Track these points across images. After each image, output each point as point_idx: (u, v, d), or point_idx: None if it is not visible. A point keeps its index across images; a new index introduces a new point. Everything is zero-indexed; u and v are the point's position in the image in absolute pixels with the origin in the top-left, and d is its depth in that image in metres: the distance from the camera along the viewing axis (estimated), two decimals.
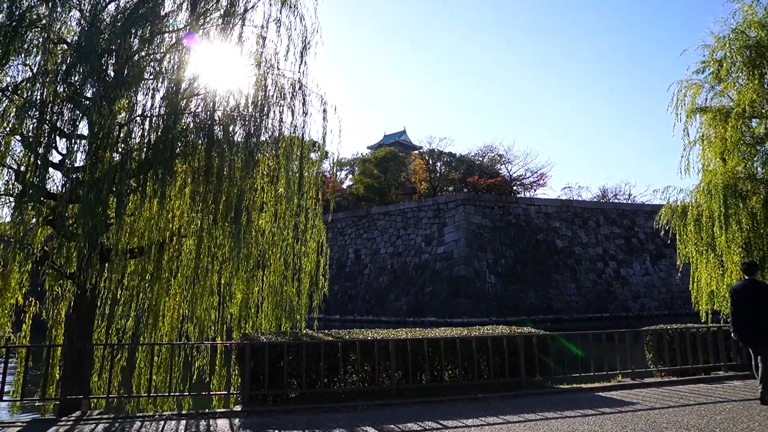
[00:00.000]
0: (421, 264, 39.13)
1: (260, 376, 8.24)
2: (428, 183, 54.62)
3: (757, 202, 13.98)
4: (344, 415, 7.57)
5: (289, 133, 10.84)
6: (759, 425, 6.47)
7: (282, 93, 10.72)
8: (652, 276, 40.82)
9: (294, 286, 10.77)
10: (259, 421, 7.18)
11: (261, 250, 10.34)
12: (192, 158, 9.65)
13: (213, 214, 9.22)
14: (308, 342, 8.62)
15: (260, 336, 8.92)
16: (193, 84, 9.90)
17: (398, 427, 6.72)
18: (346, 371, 8.87)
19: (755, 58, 14.78)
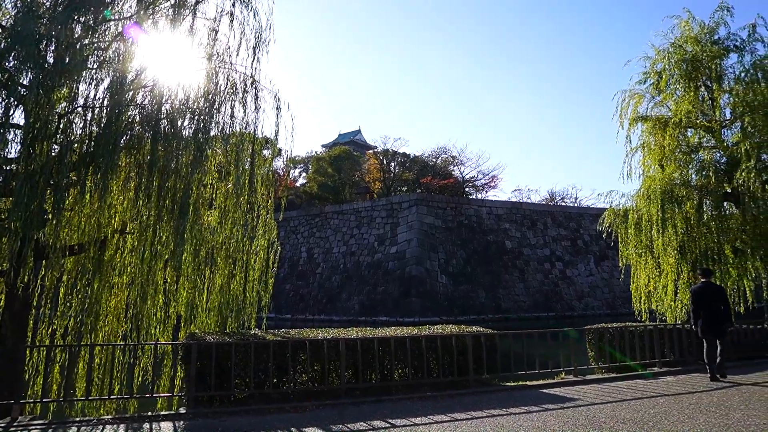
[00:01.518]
0: (373, 263, 39.22)
1: (207, 377, 8.04)
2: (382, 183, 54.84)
3: (691, 207, 14.77)
4: (292, 416, 7.49)
5: (240, 128, 10.64)
6: (687, 417, 6.83)
7: (234, 88, 10.50)
8: (595, 277, 42.44)
9: (243, 284, 10.56)
10: (205, 423, 7.00)
11: (209, 248, 10.09)
12: (137, 152, 9.30)
13: (158, 210, 8.91)
14: (257, 342, 8.47)
15: (207, 336, 8.70)
16: (140, 75, 9.54)
17: (347, 427, 6.71)
18: (296, 371, 8.78)
19: (691, 72, 15.62)
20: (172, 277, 9.69)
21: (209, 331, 9.43)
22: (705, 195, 15.08)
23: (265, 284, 11.02)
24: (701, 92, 15.95)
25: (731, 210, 15.54)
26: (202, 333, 9.04)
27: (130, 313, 9.24)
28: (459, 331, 10.06)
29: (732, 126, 15.86)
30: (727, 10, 15.88)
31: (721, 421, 6.61)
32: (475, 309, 35.62)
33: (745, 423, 6.50)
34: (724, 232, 14.92)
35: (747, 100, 15.03)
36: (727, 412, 7.16)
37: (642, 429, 6.30)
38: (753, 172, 13.73)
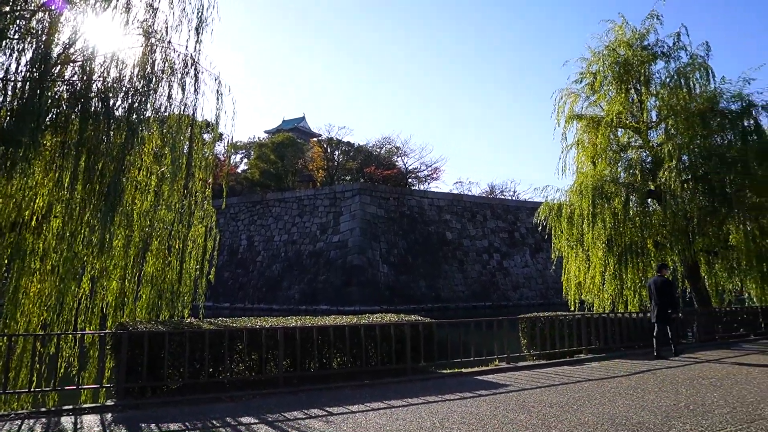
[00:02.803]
0: (315, 252, 38.99)
1: (138, 367, 7.75)
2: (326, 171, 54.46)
3: (619, 203, 15.61)
4: (228, 405, 7.37)
5: (179, 111, 10.24)
6: (608, 400, 7.27)
7: (172, 68, 10.07)
8: (530, 268, 44.10)
9: (179, 272, 10.22)
10: (135, 415, 6.77)
11: (142, 234, 9.69)
12: (64, 131, 8.77)
13: (86, 193, 8.45)
14: (192, 331, 8.25)
15: (138, 325, 8.38)
16: (69, 50, 8.97)
17: (283, 416, 6.67)
18: (233, 360, 8.63)
19: (623, 74, 16.43)
20: (101, 264, 9.23)
21: (141, 320, 9.08)
22: (632, 192, 15.98)
23: (202, 272, 10.72)
24: (631, 94, 16.84)
25: (654, 206, 16.56)
26: (133, 322, 8.69)
27: (53, 302, 8.73)
28: (398, 320, 10.20)
29: (657, 128, 16.86)
30: (657, 18, 16.81)
31: (638, 403, 7.08)
32: (415, 298, 36.19)
33: (658, 404, 6.99)
34: (648, 227, 15.89)
35: (671, 104, 16.02)
36: (643, 394, 7.67)
37: (567, 412, 6.64)
38: (674, 171, 14.66)
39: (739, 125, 15.78)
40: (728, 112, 15.96)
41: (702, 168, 15.31)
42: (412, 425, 6.11)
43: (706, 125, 15.53)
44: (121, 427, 6.24)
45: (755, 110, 16.04)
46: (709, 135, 15.61)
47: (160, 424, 6.26)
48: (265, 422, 6.38)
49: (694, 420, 6.17)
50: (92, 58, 8.97)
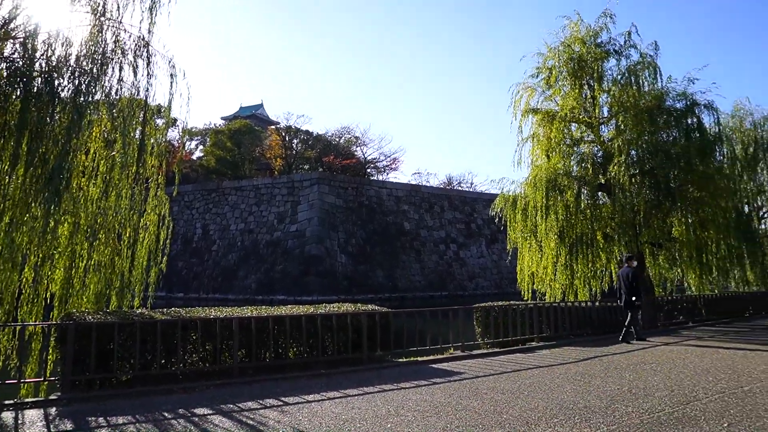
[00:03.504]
0: (272, 241, 38.54)
1: (86, 359, 7.50)
2: (284, 160, 53.78)
3: (571, 195, 16.08)
4: (181, 397, 7.24)
5: (130, 94, 9.88)
6: (557, 386, 7.54)
7: (123, 50, 9.68)
8: (486, 259, 44.98)
9: (130, 261, 9.92)
10: (81, 409, 6.55)
11: (90, 221, 9.33)
12: (4, 111, 8.31)
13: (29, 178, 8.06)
14: (143, 321, 8.03)
15: (86, 316, 8.09)
16: (8, 25, 8.49)
17: (238, 406, 6.61)
18: (186, 351, 8.47)
19: (577, 70, 16.86)
20: (45, 252, 8.84)
21: (89, 311, 8.76)
22: (583, 185, 16.49)
23: (155, 261, 10.43)
24: (585, 90, 17.31)
25: (604, 199, 17.15)
26: (80, 313, 8.38)
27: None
28: (354, 309, 10.23)
29: (608, 123, 17.42)
30: (610, 17, 17.31)
31: (585, 388, 7.37)
32: (373, 288, 36.35)
33: (604, 389, 7.31)
34: (598, 220, 16.45)
35: (621, 101, 16.57)
36: (590, 380, 7.99)
37: (518, 398, 6.85)
38: (623, 166, 15.21)
39: (683, 123, 16.50)
40: (674, 110, 16.65)
41: (649, 163, 15.93)
42: (368, 413, 6.17)
43: (654, 122, 16.15)
44: (66, 421, 6.04)
45: (698, 109, 16.81)
46: (656, 131, 16.23)
47: (108, 417, 6.09)
48: (220, 413, 6.30)
49: (636, 403, 6.48)
50: (35, 35, 8.52)
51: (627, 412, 6.04)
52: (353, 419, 5.91)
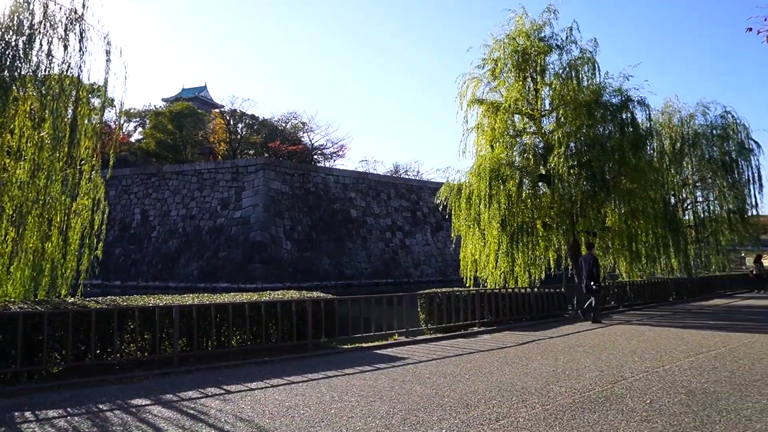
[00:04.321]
0: (216, 228, 37.60)
1: (11, 351, 7.10)
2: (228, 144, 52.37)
3: (513, 185, 16.57)
4: (117, 387, 6.99)
5: (61, 71, 9.33)
6: (497, 369, 7.82)
7: (53, 23, 9.13)
8: (431, 246, 45.70)
9: (62, 247, 9.44)
10: (6, 404, 6.20)
11: (16, 205, 8.79)
12: None
13: None
14: (75, 311, 7.68)
15: (11, 305, 7.65)
16: None
17: (177, 395, 6.46)
18: (123, 341, 8.18)
19: (521, 63, 17.30)
20: None
21: (14, 300, 8.29)
22: (525, 175, 17.03)
23: (89, 248, 9.97)
24: (528, 83, 17.81)
25: (544, 190, 17.79)
26: (4, 302, 7.91)
27: None
28: (299, 296, 10.19)
29: (550, 116, 18.03)
30: (553, 12, 17.84)
31: (522, 370, 7.69)
32: (318, 275, 36.21)
33: (540, 370, 7.64)
34: (538, 209, 17.05)
35: (562, 95, 17.17)
36: (527, 362, 8.34)
37: (459, 381, 7.06)
38: (562, 157, 15.81)
39: (618, 117, 17.30)
40: (610, 104, 17.43)
41: (586, 155, 16.62)
42: (312, 399, 6.19)
43: (592, 116, 16.85)
44: None
45: (632, 104, 17.67)
46: (594, 125, 16.95)
47: (37, 411, 5.81)
48: (159, 403, 6.14)
49: (569, 383, 6.82)
50: None
51: (561, 392, 6.36)
52: (297, 406, 5.92)
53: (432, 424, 5.15)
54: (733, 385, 6.65)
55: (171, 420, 5.44)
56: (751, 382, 6.81)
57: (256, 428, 5.12)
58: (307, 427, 5.12)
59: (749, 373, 7.32)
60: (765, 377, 7.06)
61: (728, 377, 7.09)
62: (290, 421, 5.35)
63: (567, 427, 5.03)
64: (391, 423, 5.22)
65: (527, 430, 4.96)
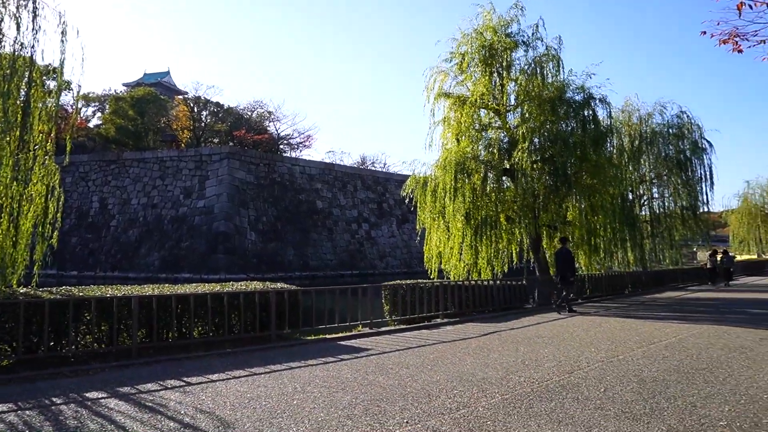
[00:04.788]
0: (178, 217, 36.79)
1: None
2: (192, 132, 51.16)
3: (478, 179, 16.79)
4: (72, 380, 6.79)
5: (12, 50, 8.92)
6: (458, 359, 7.96)
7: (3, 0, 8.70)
8: (396, 238, 45.89)
9: (13, 236, 9.06)
10: None
11: None
12: None
13: None
14: (27, 301, 7.41)
15: None
16: None
17: (136, 388, 6.33)
18: (79, 332, 7.95)
19: (488, 58, 17.48)
20: None
21: None
22: (489, 169, 17.26)
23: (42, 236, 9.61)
24: (494, 78, 18.02)
25: (508, 184, 18.09)
26: None
27: None
28: (263, 287, 10.10)
29: (515, 111, 18.30)
30: (520, 8, 18.06)
31: (483, 361, 7.84)
32: (283, 266, 35.92)
33: (500, 361, 7.81)
34: (501, 203, 17.34)
35: (527, 90, 17.44)
36: (488, 353, 8.50)
37: (422, 371, 7.15)
38: (526, 152, 16.09)
39: (581, 114, 17.71)
40: (573, 101, 17.81)
41: (549, 151, 16.96)
42: (274, 391, 6.16)
43: (555, 112, 17.19)
44: None
45: (594, 102, 18.11)
46: (557, 121, 17.30)
47: None
48: (116, 396, 6.00)
49: (528, 373, 7.00)
50: None
51: (520, 382, 6.52)
52: (259, 397, 5.88)
53: (394, 414, 5.21)
54: (681, 373, 6.96)
55: (128, 413, 5.33)
56: (697, 370, 7.14)
57: (217, 420, 5.07)
58: (268, 419, 5.10)
59: (696, 362, 7.67)
60: (710, 366, 7.41)
61: (677, 366, 7.41)
62: (252, 412, 5.32)
63: (525, 415, 5.17)
64: (354, 413, 5.26)
65: (486, 419, 5.07)
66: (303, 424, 4.92)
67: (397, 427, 4.83)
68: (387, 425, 4.89)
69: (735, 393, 5.96)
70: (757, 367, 7.31)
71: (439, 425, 4.89)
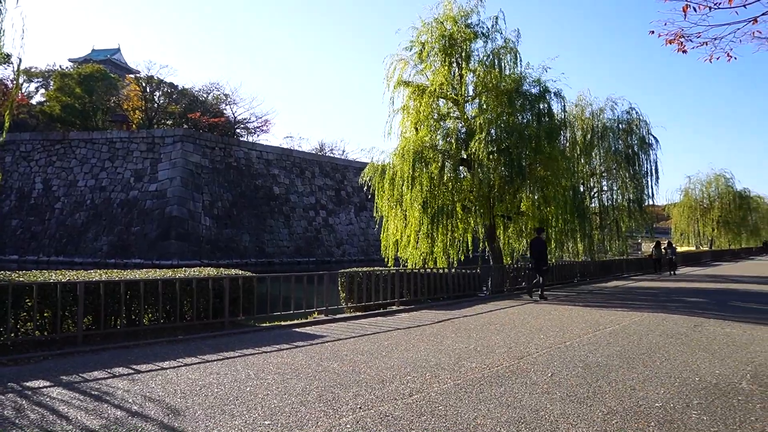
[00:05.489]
0: (128, 201, 35.55)
1: None
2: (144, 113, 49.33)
3: (436, 168, 16.94)
4: (11, 369, 6.51)
5: None
6: (413, 346, 8.07)
7: None
8: (354, 226, 45.88)
9: None
10: None
11: None
12: None
13: None
14: None
15: None
16: None
17: (81, 376, 6.13)
18: (19, 319, 7.61)
19: (448, 48, 17.57)
20: None
21: None
22: (447, 158, 17.44)
23: None
24: (453, 68, 18.14)
25: (465, 174, 18.33)
26: None
27: None
28: (217, 273, 9.93)
29: (473, 102, 18.51)
30: (480, 0, 18.18)
31: (437, 347, 7.99)
32: (238, 253, 35.35)
33: (453, 348, 7.98)
34: (458, 192, 17.57)
35: (485, 82, 17.65)
36: (442, 340, 8.66)
37: (376, 358, 7.22)
38: (483, 143, 16.33)
39: (536, 107, 18.07)
40: (529, 94, 18.15)
41: (505, 142, 17.26)
42: (227, 378, 6.10)
43: (512, 104, 17.49)
44: None
45: (549, 96, 18.52)
46: (514, 113, 17.61)
47: None
48: (59, 384, 5.80)
49: (479, 359, 7.18)
50: None
51: (471, 368, 6.68)
52: (210, 384, 5.81)
53: (347, 400, 5.25)
54: (623, 358, 7.30)
55: (71, 402, 5.16)
56: (638, 355, 7.51)
57: (167, 408, 4.98)
58: (220, 406, 5.05)
59: (637, 348, 8.05)
60: (650, 351, 7.80)
61: (619, 352, 7.76)
62: (203, 399, 5.25)
63: (475, 399, 5.31)
64: (307, 399, 5.27)
65: (438, 403, 5.18)
66: (256, 411, 4.90)
67: (350, 413, 4.87)
68: (340, 411, 4.93)
69: (670, 376, 6.31)
70: (691, 352, 7.75)
71: (391, 410, 4.96)
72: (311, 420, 4.68)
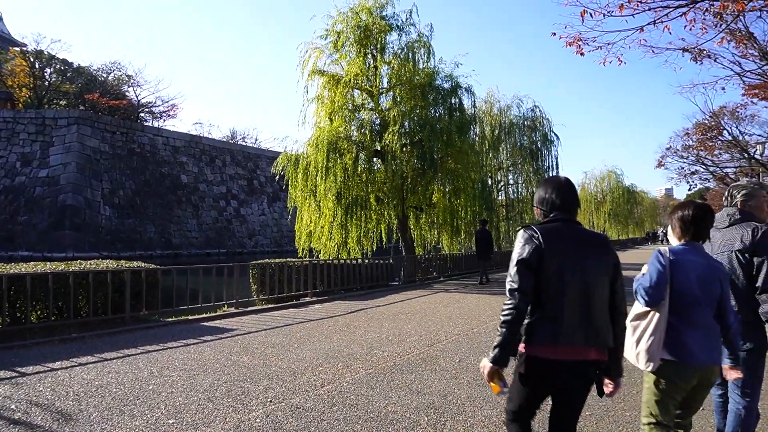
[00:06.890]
0: (14, 188, 32.36)
1: None
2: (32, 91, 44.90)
3: (350, 159, 16.94)
4: None
5: None
6: (325, 337, 8.06)
7: None
8: (267, 216, 44.91)
9: None
10: None
11: None
12: None
13: None
14: None
15: None
16: None
17: None
18: None
19: (363, 39, 17.58)
20: None
21: None
22: (361, 150, 17.50)
23: None
24: (369, 59, 18.19)
25: (379, 165, 18.49)
26: None
27: None
28: (116, 266, 9.31)
29: (387, 94, 18.67)
30: None
31: (349, 338, 8.03)
32: (142, 244, 33.42)
33: (366, 337, 8.07)
34: (372, 184, 17.70)
35: (400, 75, 17.88)
36: (355, 330, 8.73)
37: (288, 350, 7.13)
38: (396, 135, 16.55)
39: (448, 101, 18.57)
40: (442, 89, 18.61)
41: (418, 135, 17.61)
42: (127, 377, 5.75)
43: (425, 98, 17.85)
44: None
45: (460, 91, 19.08)
46: (426, 106, 17.99)
47: None
48: None
49: (391, 348, 7.31)
50: None
51: (383, 357, 6.79)
52: (108, 384, 5.45)
53: (257, 394, 5.15)
54: None
55: None
56: None
57: (56, 413, 4.61)
58: (119, 407, 4.76)
59: None
60: None
61: None
62: (99, 401, 4.92)
63: (387, 387, 5.40)
64: (215, 395, 5.10)
65: (350, 393, 5.22)
66: (159, 410, 4.67)
67: (260, 407, 4.78)
68: (250, 405, 4.82)
69: None
70: None
71: (303, 402, 4.93)
72: (219, 416, 4.54)
